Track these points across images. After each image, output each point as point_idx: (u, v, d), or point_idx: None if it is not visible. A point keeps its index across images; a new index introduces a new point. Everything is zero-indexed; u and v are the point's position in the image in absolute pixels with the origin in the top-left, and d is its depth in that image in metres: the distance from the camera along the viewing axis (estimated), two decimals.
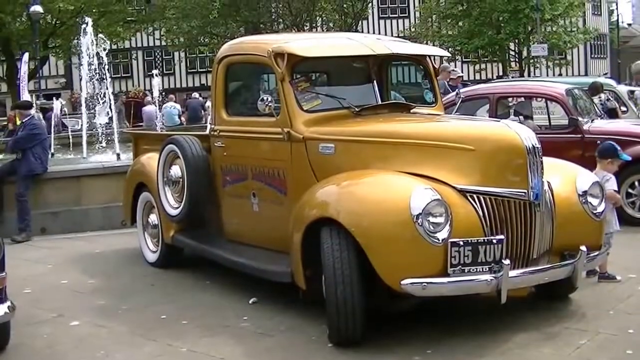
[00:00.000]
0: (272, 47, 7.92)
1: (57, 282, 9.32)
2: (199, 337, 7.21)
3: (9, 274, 6.70)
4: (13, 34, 41.57)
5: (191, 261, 9.71)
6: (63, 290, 9.00)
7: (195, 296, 8.53)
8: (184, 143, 8.83)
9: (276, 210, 7.89)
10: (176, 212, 9.06)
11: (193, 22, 43.72)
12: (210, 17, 42.56)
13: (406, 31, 50.67)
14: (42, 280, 9.45)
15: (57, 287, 9.14)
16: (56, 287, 9.12)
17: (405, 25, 55.00)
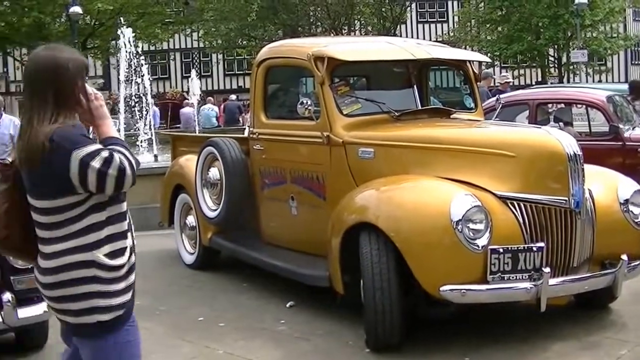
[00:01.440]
0: (312, 51, 7.92)
1: None
2: (235, 339, 7.22)
3: None
4: (52, 34, 41.88)
5: (228, 263, 9.72)
6: None
7: (233, 299, 8.54)
8: (223, 145, 8.84)
9: (315, 214, 7.88)
10: (214, 214, 9.07)
11: (231, 24, 43.78)
12: (249, 19, 42.57)
13: (444, 36, 50.53)
14: None
15: None
16: None
17: (444, 30, 54.89)
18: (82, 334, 3.69)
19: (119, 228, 3.68)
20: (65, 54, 3.69)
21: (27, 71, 3.72)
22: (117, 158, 3.53)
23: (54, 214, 3.59)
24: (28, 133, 3.56)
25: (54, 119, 3.55)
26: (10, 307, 6.35)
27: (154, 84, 40.34)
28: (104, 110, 3.75)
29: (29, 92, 3.65)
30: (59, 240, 3.60)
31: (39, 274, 3.71)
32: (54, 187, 3.55)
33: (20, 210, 3.72)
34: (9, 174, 3.75)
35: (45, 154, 3.48)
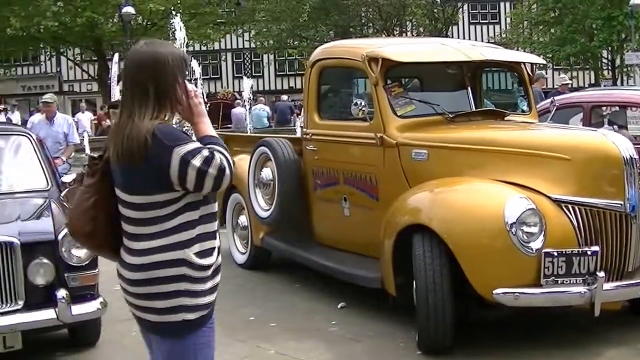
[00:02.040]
0: (366, 52, 7.91)
1: None
2: (287, 339, 7.23)
3: (100, 271, 6.81)
4: (105, 34, 42.26)
5: (280, 264, 9.75)
6: None
7: (284, 299, 8.56)
8: (276, 146, 8.87)
9: (367, 215, 7.87)
10: (266, 214, 9.09)
11: (283, 25, 43.85)
12: (300, 20, 42.63)
13: (497, 37, 50.21)
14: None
15: None
16: None
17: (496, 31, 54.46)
18: (163, 332, 3.69)
19: (210, 228, 3.67)
20: (166, 49, 3.70)
21: (127, 66, 3.72)
22: (217, 157, 3.54)
23: (147, 210, 3.59)
24: (128, 128, 3.55)
25: (154, 114, 3.57)
26: (65, 303, 6.40)
27: (206, 84, 40.56)
28: (203, 108, 3.75)
29: (129, 87, 3.65)
30: (150, 237, 3.60)
31: (125, 269, 3.68)
32: (151, 183, 3.55)
33: (106, 205, 3.72)
34: (97, 168, 3.76)
35: (146, 149, 3.49)
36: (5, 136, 8.52)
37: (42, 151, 8.09)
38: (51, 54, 51.49)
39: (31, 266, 6.41)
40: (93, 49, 44.59)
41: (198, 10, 42.74)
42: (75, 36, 42.07)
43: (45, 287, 6.47)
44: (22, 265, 6.36)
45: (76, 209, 3.80)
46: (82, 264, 6.55)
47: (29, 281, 6.40)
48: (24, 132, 8.48)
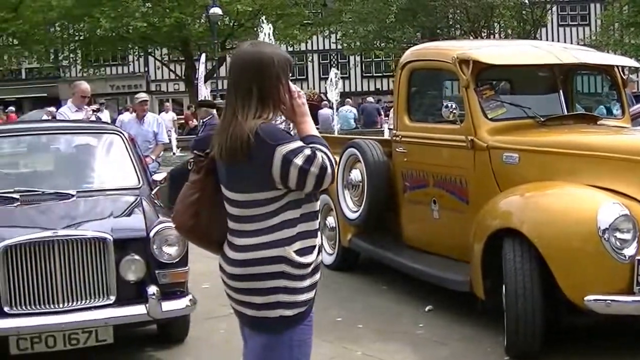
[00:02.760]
0: (457, 54, 7.86)
1: None
2: (373, 341, 7.23)
3: (189, 268, 6.89)
4: (192, 35, 42.76)
5: (367, 265, 9.73)
6: None
7: (371, 300, 8.55)
8: (365, 147, 8.86)
9: (457, 218, 7.82)
10: (355, 215, 9.09)
11: (369, 26, 43.84)
12: (387, 21, 42.63)
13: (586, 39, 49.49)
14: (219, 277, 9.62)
15: None
16: None
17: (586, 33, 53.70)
18: (260, 326, 3.73)
19: (311, 226, 3.71)
20: (270, 50, 3.75)
21: (232, 65, 3.78)
22: (319, 156, 3.57)
23: (250, 207, 3.64)
24: (232, 126, 3.61)
25: (257, 114, 3.61)
26: (155, 300, 6.47)
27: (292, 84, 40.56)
28: (305, 108, 3.79)
29: (233, 86, 3.70)
30: (251, 234, 3.65)
31: (226, 264, 3.75)
32: (254, 181, 3.61)
33: (210, 202, 3.80)
34: (203, 165, 3.84)
35: (250, 148, 3.54)
36: (98, 134, 8.67)
37: (133, 149, 8.21)
38: (139, 54, 52.30)
39: (123, 262, 6.51)
40: (180, 49, 45.19)
41: (285, 11, 43.00)
42: (163, 36, 42.69)
43: (136, 283, 6.56)
44: (114, 261, 6.45)
45: (181, 204, 3.90)
46: (173, 261, 6.63)
47: (120, 277, 6.50)
48: (116, 130, 8.61)
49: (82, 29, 45.39)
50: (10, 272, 6.30)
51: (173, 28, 41.50)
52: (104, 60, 53.09)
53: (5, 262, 6.28)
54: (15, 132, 9.34)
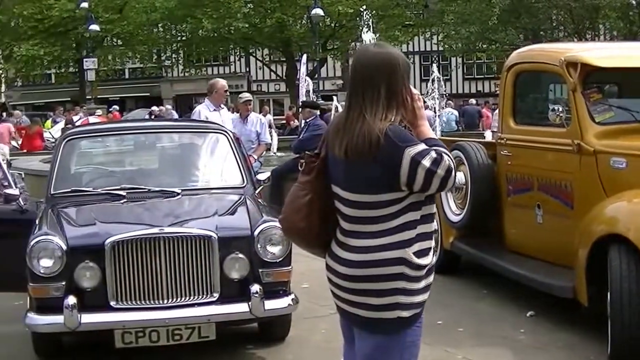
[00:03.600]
0: (564, 56, 7.73)
1: None
2: (474, 345, 7.19)
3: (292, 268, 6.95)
4: (293, 35, 43.04)
5: (468, 268, 9.66)
6: None
7: (471, 304, 8.50)
8: (469, 150, 8.79)
9: (561, 223, 7.70)
10: (458, 218, 9.04)
11: (472, 27, 43.45)
12: (489, 23, 42.17)
13: None
14: (320, 276, 9.65)
15: None
16: None
17: None
18: (374, 327, 3.74)
19: (428, 228, 3.73)
20: (396, 51, 3.78)
21: (359, 66, 3.77)
22: (445, 159, 3.59)
23: (372, 208, 3.65)
24: (359, 126, 3.63)
25: (384, 115, 3.63)
26: (258, 298, 6.53)
27: None
28: (424, 111, 3.81)
29: (360, 86, 3.71)
30: (372, 236, 3.66)
31: (339, 265, 3.76)
32: (378, 182, 3.62)
33: (321, 203, 3.81)
34: (314, 166, 3.85)
35: (378, 148, 3.56)
36: (203, 133, 8.78)
37: (238, 149, 8.27)
38: (241, 55, 52.88)
39: (227, 260, 6.58)
40: (281, 50, 45.56)
41: (386, 12, 42.97)
42: (265, 37, 43.14)
43: (239, 282, 6.64)
44: (218, 259, 6.53)
45: (291, 206, 3.89)
46: (277, 260, 6.68)
47: (224, 275, 6.58)
48: (221, 129, 8.68)
49: (185, 30, 46.17)
50: (117, 268, 6.44)
51: (274, 29, 41.90)
52: (206, 60, 53.82)
53: (113, 257, 6.42)
54: (122, 130, 9.54)
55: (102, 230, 6.67)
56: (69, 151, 8.19)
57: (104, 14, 45.61)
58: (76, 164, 8.43)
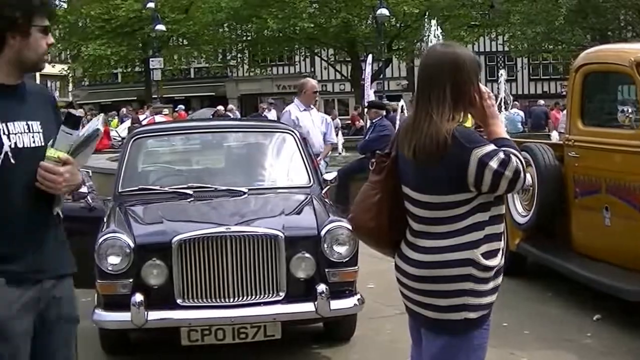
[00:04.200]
0: (634, 57, 7.65)
1: None
2: (539, 348, 7.14)
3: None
4: (359, 35, 43.02)
5: (533, 270, 9.58)
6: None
7: (536, 307, 8.44)
8: (537, 151, 8.72)
9: (630, 226, 7.60)
10: (524, 220, 8.97)
11: (538, 27, 43.00)
12: (556, 23, 41.70)
13: None
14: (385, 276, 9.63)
15: None
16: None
17: None
18: (441, 328, 3.75)
19: (497, 229, 3.72)
20: (462, 51, 3.78)
21: (426, 66, 3.80)
22: (513, 160, 3.57)
23: (440, 209, 3.66)
24: (426, 126, 3.63)
25: (451, 115, 3.64)
26: (324, 298, 6.54)
27: None
28: (495, 110, 3.81)
29: (427, 86, 3.73)
30: (440, 236, 3.68)
31: (407, 265, 3.78)
32: (447, 183, 3.63)
33: (391, 203, 3.82)
34: (384, 165, 3.87)
35: (445, 149, 3.56)
36: (270, 133, 8.82)
37: (305, 148, 8.29)
38: (306, 55, 52.96)
39: (293, 260, 6.60)
40: (346, 50, 45.55)
41: (452, 13, 42.74)
42: (330, 37, 43.16)
43: (305, 281, 6.65)
44: (285, 258, 6.55)
45: (361, 205, 3.93)
46: (343, 260, 6.68)
47: (290, 274, 6.59)
48: (288, 129, 8.72)
49: (250, 30, 46.39)
50: (183, 266, 6.49)
51: (340, 29, 41.92)
52: (271, 60, 53.99)
53: (180, 255, 6.47)
54: (189, 129, 9.61)
55: (169, 229, 6.73)
56: (136, 150, 8.29)
57: (170, 14, 46.07)
58: (143, 162, 8.52)
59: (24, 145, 3.56)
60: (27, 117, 3.61)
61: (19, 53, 3.56)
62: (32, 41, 3.58)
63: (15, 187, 3.54)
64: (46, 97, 3.88)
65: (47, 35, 3.66)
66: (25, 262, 3.60)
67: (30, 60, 3.62)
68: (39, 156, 3.55)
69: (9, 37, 3.54)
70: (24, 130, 3.58)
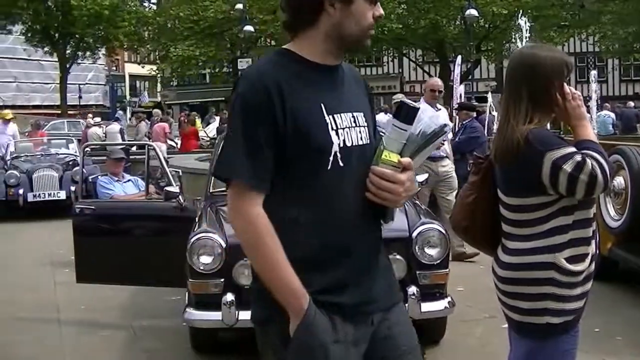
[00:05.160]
0: None
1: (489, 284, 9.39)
2: (634, 355, 7.06)
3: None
4: (447, 36, 42.87)
5: (627, 275, 9.44)
6: (495, 291, 9.07)
7: (629, 313, 8.33)
8: (629, 154, 8.58)
9: None
10: (617, 224, 8.82)
11: (630, 28, 42.41)
12: None
13: None
14: (475, 279, 9.59)
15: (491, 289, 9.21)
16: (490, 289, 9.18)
17: None
18: (524, 331, 3.73)
19: (584, 234, 3.66)
20: (544, 52, 3.73)
21: (507, 68, 3.83)
22: (589, 163, 3.49)
23: (522, 211, 3.65)
24: (504, 129, 3.64)
25: (528, 117, 3.61)
26: (415, 300, 6.55)
27: None
28: (582, 110, 3.73)
29: (506, 89, 3.74)
30: (522, 239, 3.66)
31: (497, 267, 3.79)
32: (524, 185, 3.61)
33: (485, 203, 3.83)
34: (482, 167, 3.88)
35: (519, 152, 3.55)
36: None
37: None
38: (394, 55, 52.92)
39: None
40: (435, 51, 45.40)
41: (541, 13, 42.31)
42: (418, 38, 43.17)
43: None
44: None
45: (458, 204, 4.00)
46: (434, 263, 6.68)
47: None
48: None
49: None
50: None
51: (428, 30, 41.87)
52: (359, 61, 54.03)
53: None
54: None
55: None
56: None
57: (258, 14, 46.42)
58: None
59: (352, 143, 2.91)
60: (351, 107, 2.98)
61: (339, 25, 2.92)
62: (355, 10, 2.92)
63: (344, 198, 2.92)
64: (361, 81, 3.20)
65: (375, 5, 2.98)
66: (359, 291, 2.96)
67: (352, 35, 2.95)
68: (367, 158, 2.94)
69: (327, 4, 2.90)
70: (351, 124, 2.94)
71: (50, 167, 17.66)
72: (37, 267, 11.60)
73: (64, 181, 17.18)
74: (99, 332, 8.19)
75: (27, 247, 13.49)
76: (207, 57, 47.90)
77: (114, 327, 8.33)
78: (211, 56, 48.18)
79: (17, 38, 54.19)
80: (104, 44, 53.71)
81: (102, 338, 7.99)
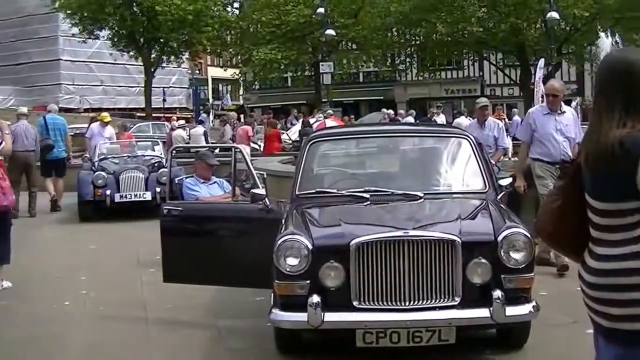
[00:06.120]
0: None
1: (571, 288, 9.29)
2: None
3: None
4: (528, 39, 42.41)
5: None
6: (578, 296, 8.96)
7: None
8: None
9: None
10: None
11: None
12: None
13: None
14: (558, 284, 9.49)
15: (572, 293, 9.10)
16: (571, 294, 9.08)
17: None
18: (612, 338, 3.66)
19: None
20: (635, 55, 3.67)
21: (598, 72, 3.78)
22: None
23: (612, 217, 3.58)
24: (596, 134, 3.59)
25: (621, 122, 3.55)
26: (500, 304, 6.48)
27: None
28: None
29: (599, 93, 3.68)
30: (611, 244, 3.59)
31: (586, 272, 3.71)
32: (616, 190, 3.54)
33: (571, 208, 3.77)
34: (569, 172, 3.84)
35: (614, 157, 3.49)
36: (445, 138, 8.82)
37: (480, 154, 8.24)
38: (474, 59, 52.52)
39: (470, 265, 6.57)
40: (515, 54, 44.97)
41: (623, 15, 41.56)
42: (498, 41, 42.75)
43: (481, 287, 6.61)
44: (461, 263, 6.53)
45: (544, 209, 3.96)
46: (519, 267, 6.61)
47: (466, 279, 6.57)
48: (464, 134, 8.70)
49: (419, 34, 46.40)
50: (361, 269, 6.54)
51: (509, 33, 41.43)
52: (439, 64, 53.80)
53: (357, 258, 6.52)
54: (364, 134, 9.71)
55: (347, 231, 6.79)
56: (313, 153, 8.42)
57: (339, 18, 46.53)
58: (319, 165, 8.63)
59: None
60: None
61: None
62: None
63: None
64: None
65: None
66: None
67: None
68: None
69: None
70: None
71: (136, 169, 17.86)
72: (124, 267, 11.76)
73: (150, 182, 17.37)
74: (184, 330, 8.29)
75: (113, 246, 13.66)
76: (288, 60, 48.05)
77: (199, 327, 8.43)
78: (293, 60, 48.32)
79: (103, 43, 54.93)
80: (187, 48, 54.18)
81: (187, 337, 8.08)
